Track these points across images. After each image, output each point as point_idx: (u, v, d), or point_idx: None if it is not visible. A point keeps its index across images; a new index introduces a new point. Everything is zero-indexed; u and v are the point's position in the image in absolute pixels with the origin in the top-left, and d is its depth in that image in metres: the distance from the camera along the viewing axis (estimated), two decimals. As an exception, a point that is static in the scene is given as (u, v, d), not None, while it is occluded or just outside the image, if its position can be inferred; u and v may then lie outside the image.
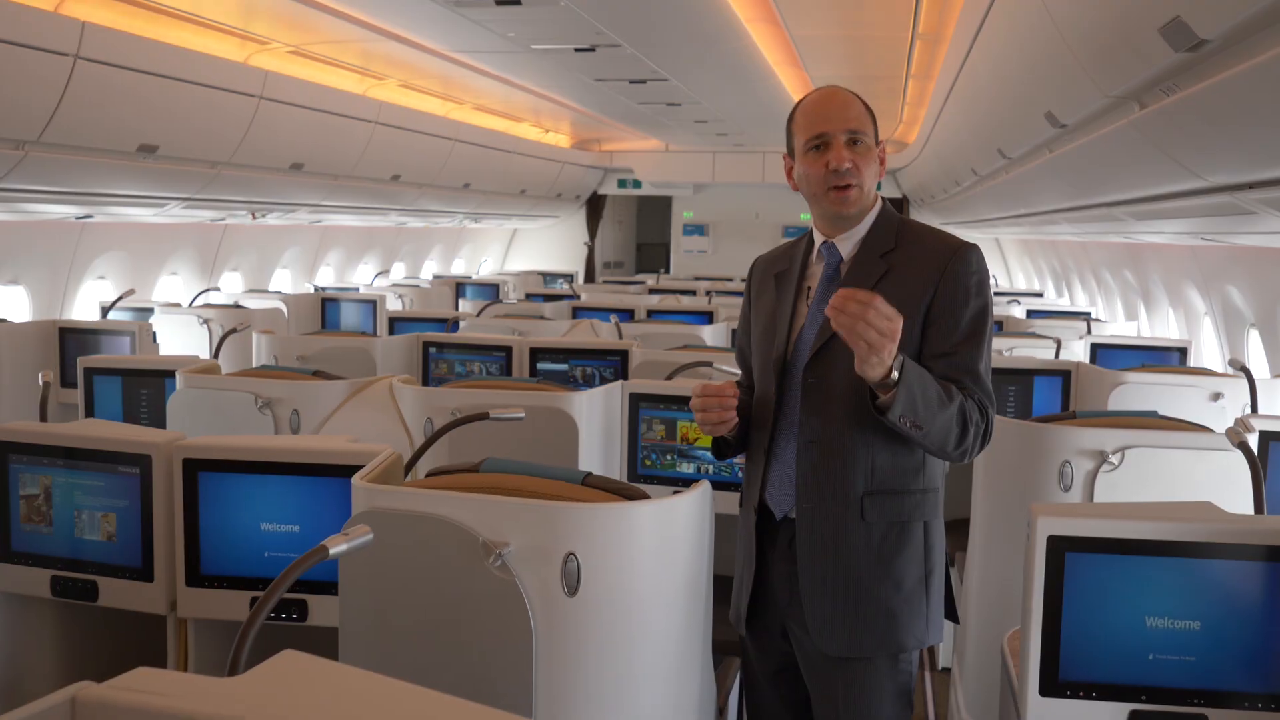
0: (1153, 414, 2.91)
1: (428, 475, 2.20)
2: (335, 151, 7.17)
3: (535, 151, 11.31)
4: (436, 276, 11.49)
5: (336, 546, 1.53)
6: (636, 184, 14.22)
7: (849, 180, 2.10)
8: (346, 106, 6.93)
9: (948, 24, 5.08)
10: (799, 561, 2.11)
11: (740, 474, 2.83)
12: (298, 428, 3.37)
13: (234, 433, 3.38)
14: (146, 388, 3.79)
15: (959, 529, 3.42)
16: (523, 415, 2.67)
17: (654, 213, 16.99)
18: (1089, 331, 5.90)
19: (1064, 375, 4.41)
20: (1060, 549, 1.86)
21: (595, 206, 14.89)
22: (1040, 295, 10.52)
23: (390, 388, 3.41)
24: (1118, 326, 6.67)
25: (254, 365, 4.84)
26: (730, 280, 11.58)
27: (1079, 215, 4.62)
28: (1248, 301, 4.70)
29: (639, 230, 17.79)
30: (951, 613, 2.22)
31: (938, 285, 2.07)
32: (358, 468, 2.20)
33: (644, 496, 1.99)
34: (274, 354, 4.73)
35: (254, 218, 7.15)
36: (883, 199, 2.25)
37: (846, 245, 2.18)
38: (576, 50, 5.94)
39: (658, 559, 1.91)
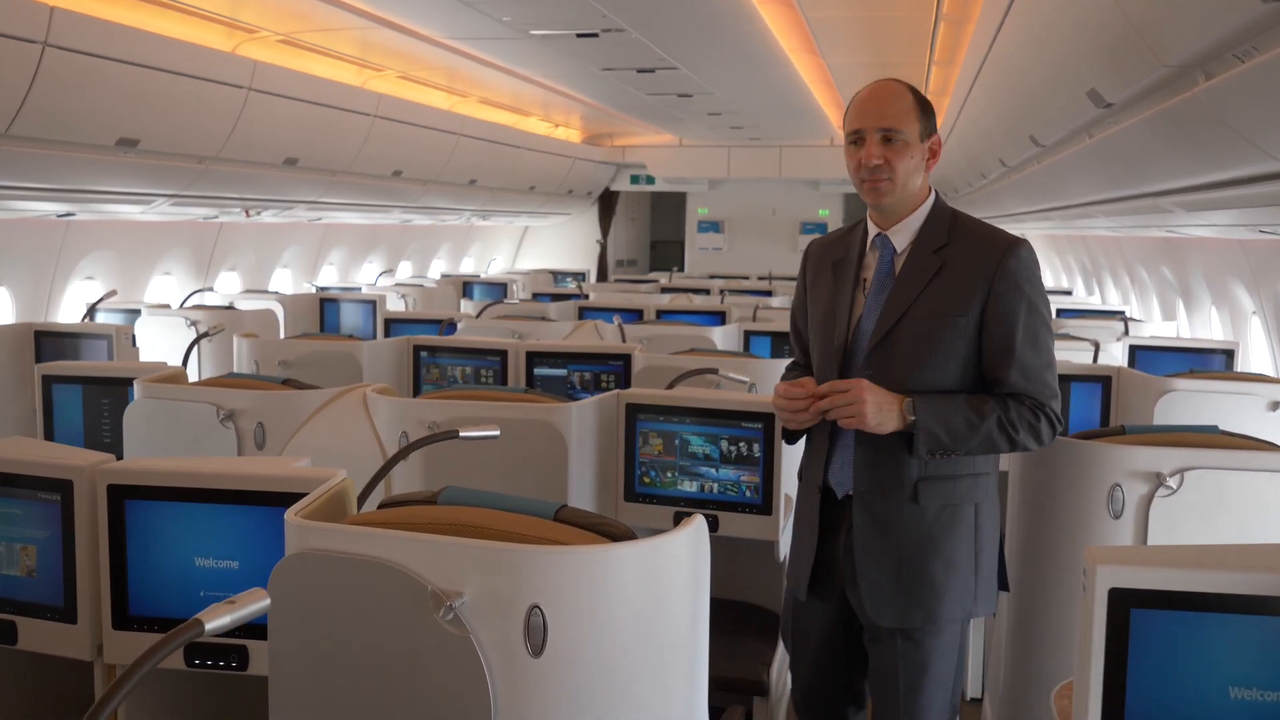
0: (1213, 429, 2.58)
1: (380, 506, 1.92)
2: (332, 146, 6.88)
3: (544, 147, 11.01)
4: (444, 276, 11.21)
5: (215, 620, 1.23)
6: (650, 180, 13.88)
7: (878, 176, 2.21)
8: (343, 99, 6.64)
9: (974, 3, 4.75)
10: (855, 540, 2.25)
11: (749, 493, 2.87)
12: (263, 443, 3.08)
13: (193, 448, 3.10)
14: (108, 397, 3.50)
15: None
16: (497, 433, 2.37)
17: (668, 209, 16.67)
18: (1126, 332, 5.54)
19: (1104, 381, 4.07)
20: (1124, 604, 1.52)
21: (608, 203, 14.56)
22: (1069, 293, 10.14)
23: (364, 399, 3.11)
24: (1155, 327, 6.31)
25: (234, 371, 4.56)
26: (746, 279, 11.25)
27: (1119, 207, 4.27)
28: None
29: (653, 227, 17.46)
30: (1004, 582, 2.37)
31: (992, 283, 2.17)
32: (304, 495, 1.90)
33: (628, 534, 1.67)
34: (255, 359, 4.45)
35: (248, 215, 6.88)
36: (936, 192, 2.33)
37: (901, 238, 2.28)
38: (579, 36, 5.63)
39: (640, 611, 1.60)
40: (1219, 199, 3.07)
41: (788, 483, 3.19)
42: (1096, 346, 4.65)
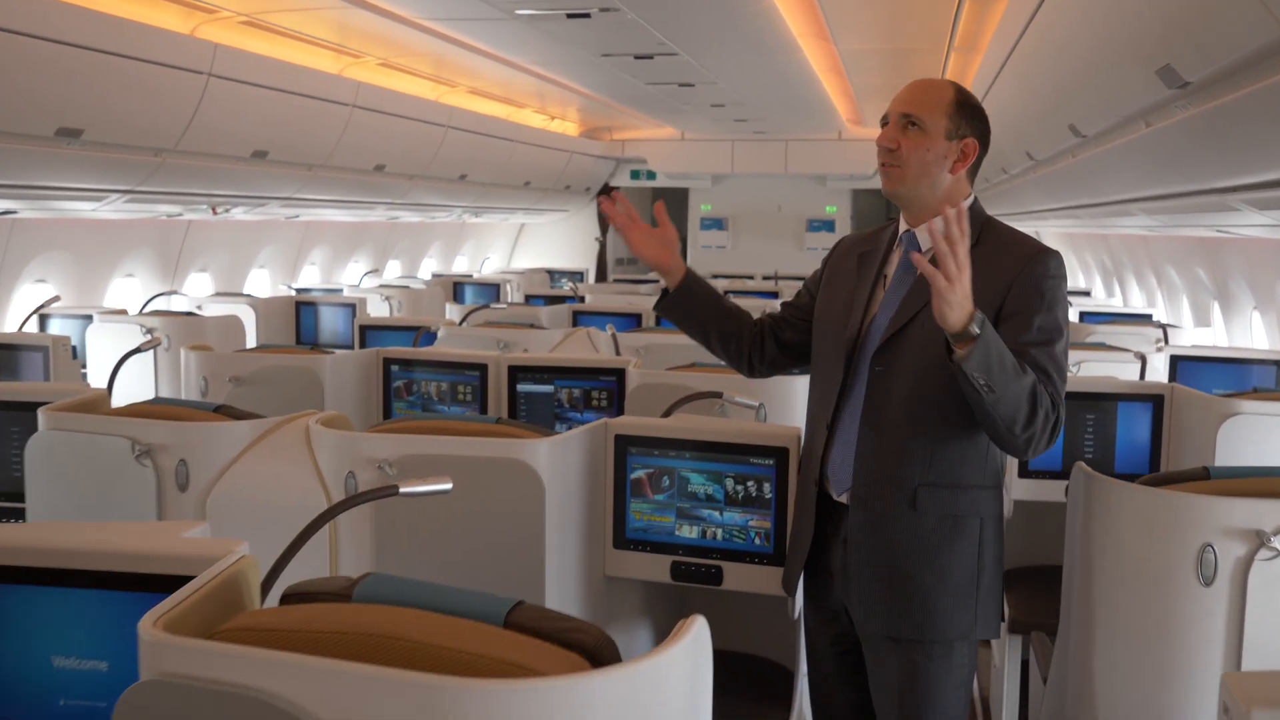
0: (1324, 473, 2.13)
1: (283, 599, 1.49)
2: (306, 138, 6.41)
3: (540, 140, 10.53)
4: (436, 275, 10.75)
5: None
6: (650, 175, 13.39)
7: (889, 160, 2.18)
8: (317, 87, 6.17)
9: (1005, -21, 4.30)
10: (850, 542, 2.19)
11: (758, 540, 2.52)
12: (185, 484, 2.62)
13: (101, 493, 2.65)
14: (18, 425, 3.04)
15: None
16: (448, 487, 1.91)
17: (670, 206, 16.02)
18: (1166, 341, 5.08)
19: (1154, 401, 3.61)
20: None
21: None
22: (1088, 294, 9.65)
23: (306, 431, 2.65)
24: (1191, 334, 5.83)
25: (182, 389, 4.12)
26: (751, 278, 10.78)
27: (1169, 205, 3.82)
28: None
29: (654, 225, 16.98)
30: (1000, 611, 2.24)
31: (1010, 287, 2.10)
32: (184, 579, 1.47)
33: (602, 646, 1.28)
34: (204, 375, 3.99)
35: (215, 212, 6.42)
36: (975, 197, 2.25)
37: (927, 236, 2.16)
38: (569, 16, 5.15)
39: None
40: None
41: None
42: (1143, 360, 4.18)
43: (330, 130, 6.55)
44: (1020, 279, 2.09)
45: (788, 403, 3.54)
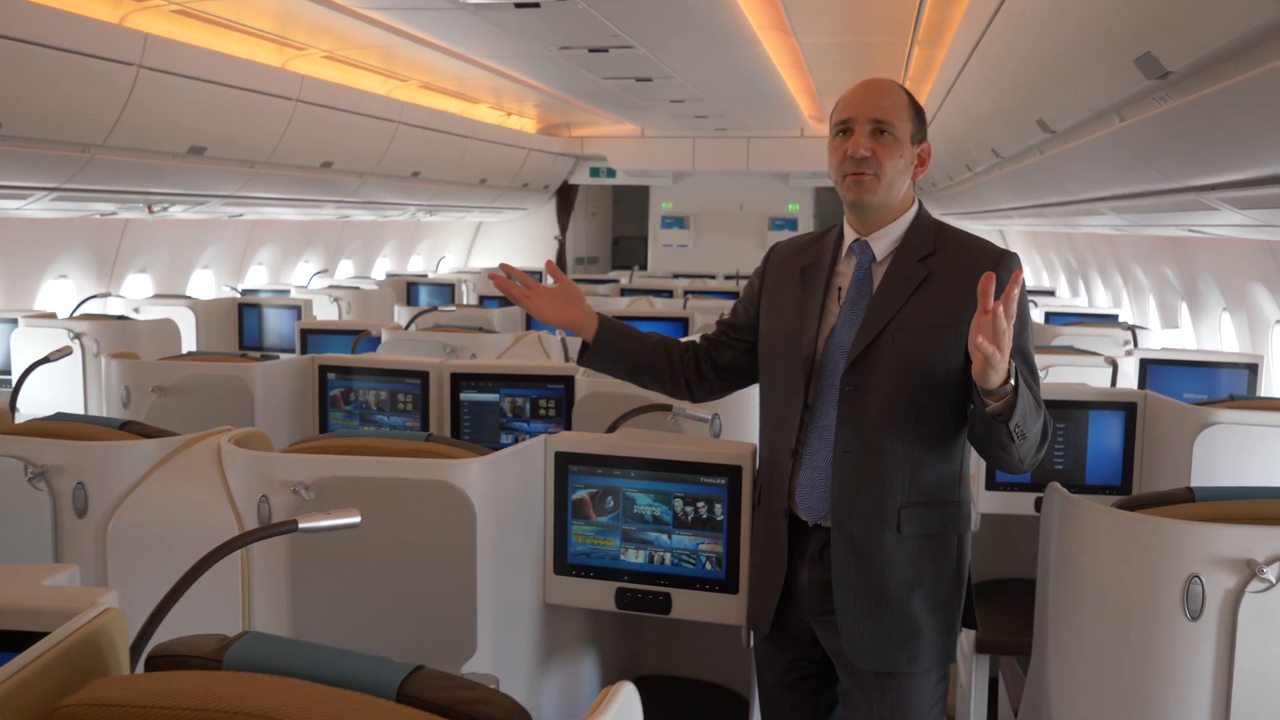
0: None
1: (148, 662, 1.29)
2: (247, 133, 6.15)
3: (496, 137, 10.28)
4: (389, 275, 10.48)
5: None
6: (610, 173, 13.18)
7: (864, 169, 2.06)
8: (258, 80, 5.91)
9: (970, -29, 4.13)
10: (833, 572, 2.08)
11: (709, 565, 2.36)
12: (84, 509, 2.39)
13: (-8, 518, 2.42)
14: (-91, 442, 2.80)
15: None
16: (356, 521, 1.70)
17: (630, 204, 16.00)
18: (1135, 344, 4.93)
19: (1126, 410, 3.46)
20: None
21: (566, 197, 13.84)
22: (1052, 293, 9.54)
23: (218, 450, 2.43)
24: (1159, 335, 5.70)
25: (103, 400, 3.87)
26: (712, 278, 10.60)
27: (1142, 203, 3.66)
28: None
29: (614, 223, 16.78)
30: (970, 619, 2.19)
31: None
32: (39, 635, 1.27)
33: (510, 715, 1.08)
34: (126, 385, 3.74)
35: (151, 211, 6.13)
36: (919, 201, 2.18)
37: (881, 245, 2.13)
38: (517, 6, 4.94)
39: None
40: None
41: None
42: (1114, 365, 4.03)
43: (273, 126, 6.29)
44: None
45: (743, 412, 3.35)
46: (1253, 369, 4.42)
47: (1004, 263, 2.02)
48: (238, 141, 6.14)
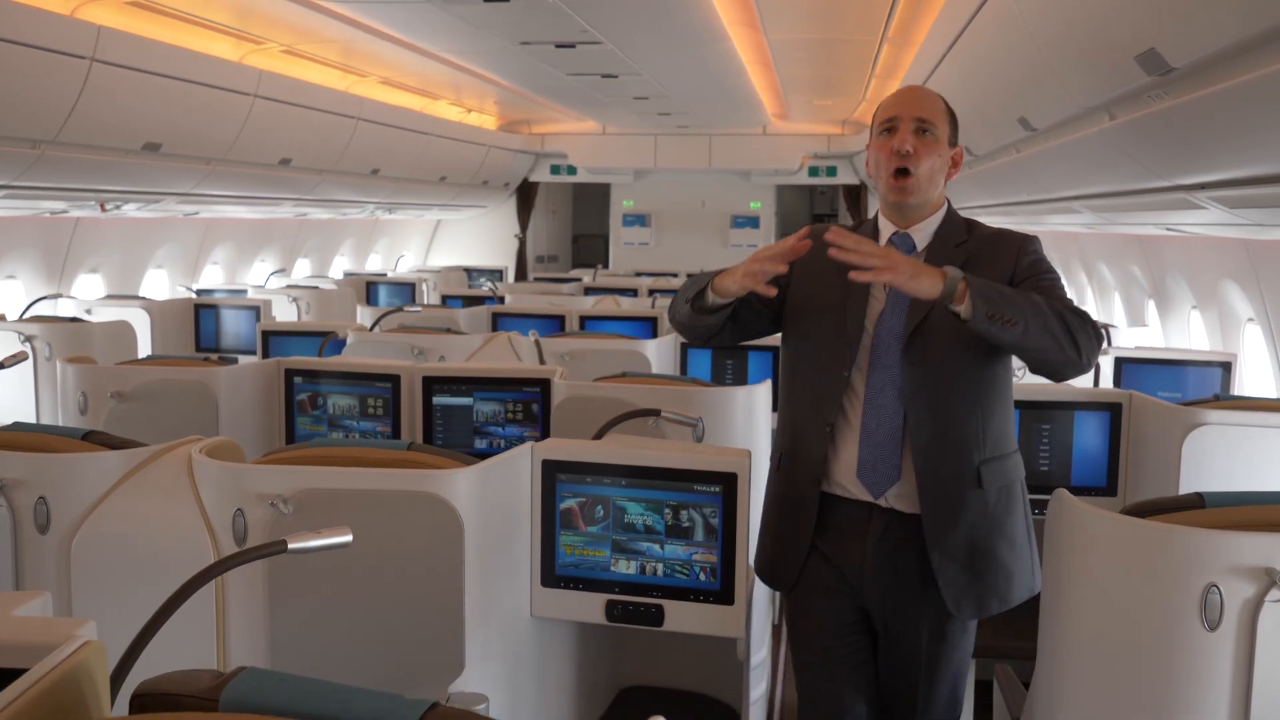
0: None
1: (134, 701, 1.21)
2: (203, 129, 5.97)
3: (456, 134, 10.13)
4: (347, 274, 10.29)
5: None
6: (571, 170, 13.06)
7: (908, 163, 2.22)
8: (214, 75, 5.74)
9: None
10: (929, 537, 2.22)
11: (703, 576, 2.31)
12: (46, 525, 2.26)
13: (-57, 536, 2.28)
14: None
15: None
16: (348, 540, 1.60)
17: (591, 202, 15.89)
18: (1109, 342, 4.92)
19: (1111, 410, 3.43)
20: None
21: (526, 195, 13.70)
22: (1014, 291, 9.57)
23: (189, 461, 2.31)
24: (1128, 334, 5.71)
25: (59, 407, 3.71)
26: (675, 276, 10.52)
27: (1122, 202, 3.64)
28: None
29: (575, 221, 16.66)
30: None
31: (1017, 262, 2.25)
32: (16, 673, 1.18)
33: None
34: (83, 390, 3.59)
35: (103, 209, 5.94)
36: (949, 201, 2.37)
37: (919, 237, 2.31)
38: (485, 0, 4.82)
39: None
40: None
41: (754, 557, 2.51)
42: (1096, 366, 4.01)
43: (230, 121, 6.11)
44: (1021, 257, 2.25)
45: (726, 417, 3.28)
46: (1226, 368, 4.43)
47: (1028, 241, 2.28)
48: (194, 138, 5.96)
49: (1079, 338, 2.12)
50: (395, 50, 6.65)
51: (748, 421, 3.30)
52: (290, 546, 1.54)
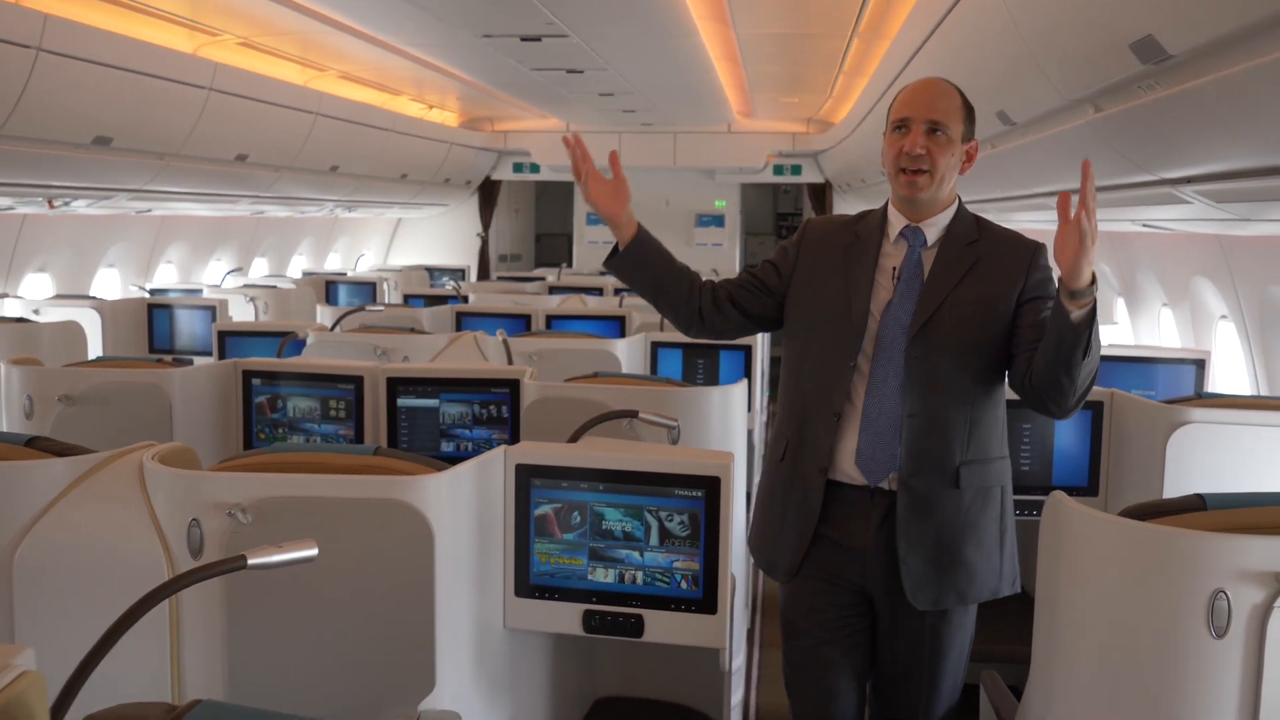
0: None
1: None
2: (156, 123, 5.78)
3: (417, 130, 9.96)
4: (306, 274, 10.09)
5: None
6: (534, 168, 12.90)
7: (919, 165, 2.27)
8: (167, 67, 5.56)
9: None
10: (898, 526, 2.29)
11: (684, 585, 2.20)
12: (-15, 536, 2.12)
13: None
14: None
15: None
16: (313, 554, 1.48)
17: (554, 200, 15.73)
18: (1082, 340, 4.88)
19: (1093, 409, 3.38)
20: None
21: (489, 194, 13.52)
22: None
23: (140, 468, 2.17)
24: (1099, 332, 5.68)
25: (3, 412, 3.55)
26: (639, 274, 10.42)
27: (1103, 197, 3.58)
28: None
29: (538, 220, 16.50)
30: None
31: (1027, 276, 2.30)
32: None
33: None
34: (29, 394, 3.43)
35: (52, 206, 5.74)
36: (960, 198, 2.42)
37: (931, 231, 2.35)
38: (448, -11, 4.70)
39: None
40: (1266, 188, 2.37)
41: (734, 565, 2.42)
42: (1073, 363, 3.95)
43: (184, 115, 5.93)
44: (1033, 268, 2.30)
45: (702, 418, 3.18)
46: (1200, 365, 4.40)
47: (1040, 250, 2.32)
48: (146, 132, 5.77)
49: (1080, 398, 2.21)
50: (355, 43, 6.49)
51: (724, 422, 3.20)
52: (250, 562, 1.42)
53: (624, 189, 2.55)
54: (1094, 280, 2.07)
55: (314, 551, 1.48)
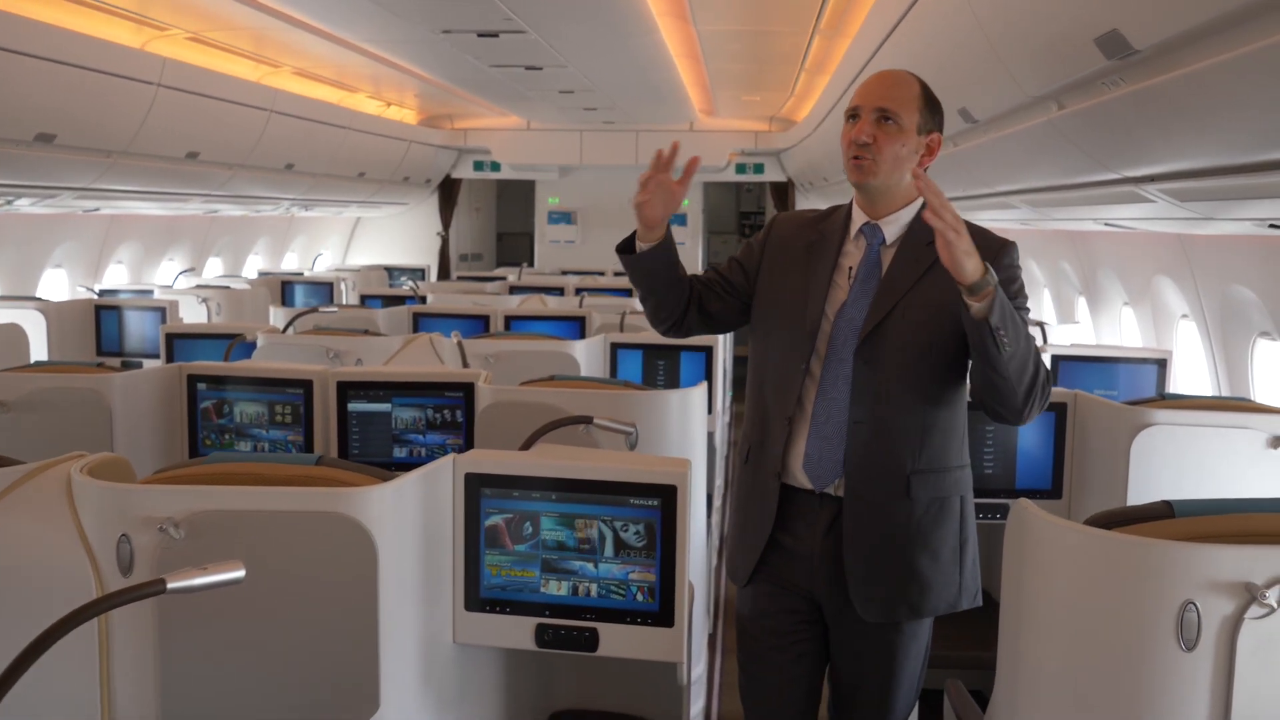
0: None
1: None
2: (102, 120, 5.62)
3: (375, 128, 9.82)
4: (262, 274, 9.92)
5: None
6: (495, 166, 12.77)
7: (864, 153, 2.23)
8: (114, 62, 5.40)
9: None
10: (845, 534, 2.24)
11: (640, 596, 2.14)
12: (-100, 555, 2.01)
13: None
14: None
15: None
16: (240, 575, 1.39)
17: (515, 199, 15.60)
18: (1044, 339, 4.86)
19: (1056, 411, 3.35)
20: None
21: (449, 192, 13.38)
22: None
23: (68, 481, 2.07)
24: (1057, 331, 5.67)
25: (-67, 416, 3.40)
26: (602, 274, 10.35)
27: (1062, 196, 3.55)
28: (1265, 302, 3.71)
29: (499, 219, 16.37)
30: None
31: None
32: None
33: None
34: (-38, 399, 3.29)
35: (-8, 204, 5.58)
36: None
37: (891, 229, 2.29)
38: (403, -17, 4.59)
39: None
40: (1249, 186, 2.33)
41: (694, 571, 2.35)
42: (1038, 364, 3.92)
43: (132, 112, 5.77)
44: (996, 267, 2.13)
45: (660, 422, 3.11)
46: (1162, 365, 4.39)
47: (1005, 250, 2.21)
48: (92, 129, 5.61)
49: (1035, 398, 2.14)
50: (310, 39, 6.36)
51: (683, 426, 3.13)
52: (170, 586, 1.33)
53: (679, 198, 2.45)
54: (987, 270, 2.02)
55: (241, 573, 1.39)
